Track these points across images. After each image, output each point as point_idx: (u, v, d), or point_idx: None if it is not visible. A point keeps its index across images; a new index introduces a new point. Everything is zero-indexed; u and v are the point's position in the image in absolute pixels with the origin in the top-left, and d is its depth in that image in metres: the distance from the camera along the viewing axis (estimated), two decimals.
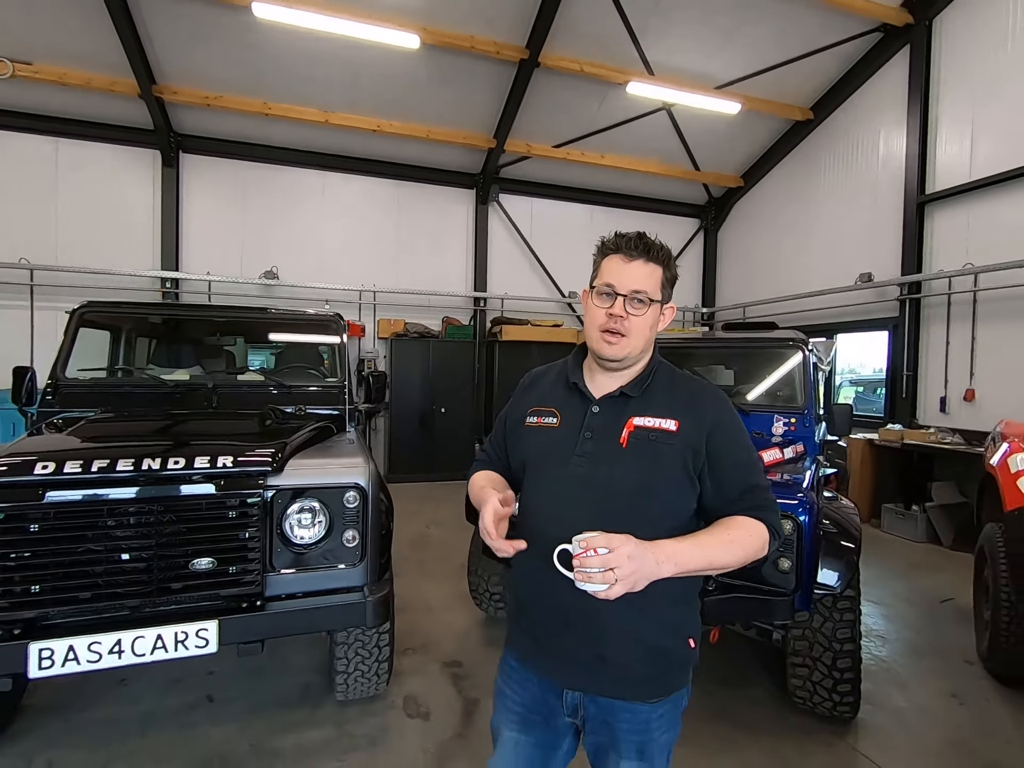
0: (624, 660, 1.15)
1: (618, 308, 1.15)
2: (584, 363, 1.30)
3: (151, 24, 5.88)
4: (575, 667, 1.18)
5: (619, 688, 1.17)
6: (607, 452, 1.17)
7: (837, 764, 2.31)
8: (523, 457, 1.28)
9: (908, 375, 6.38)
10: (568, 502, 1.17)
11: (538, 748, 1.25)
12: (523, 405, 1.32)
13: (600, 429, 1.20)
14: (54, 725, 2.43)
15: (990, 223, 5.71)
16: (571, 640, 1.17)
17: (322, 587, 2.18)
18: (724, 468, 1.17)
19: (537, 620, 1.23)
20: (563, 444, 1.21)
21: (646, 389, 1.21)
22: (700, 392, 1.23)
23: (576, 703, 1.20)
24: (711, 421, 1.17)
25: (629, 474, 1.15)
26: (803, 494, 2.45)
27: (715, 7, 6.14)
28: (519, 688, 1.27)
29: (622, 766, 1.19)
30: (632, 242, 1.17)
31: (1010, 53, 5.48)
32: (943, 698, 2.81)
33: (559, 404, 1.27)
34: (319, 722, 2.50)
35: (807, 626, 2.43)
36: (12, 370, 3.02)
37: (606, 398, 1.22)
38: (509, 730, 1.27)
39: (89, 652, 1.83)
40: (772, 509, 1.18)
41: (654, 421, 1.17)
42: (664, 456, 1.15)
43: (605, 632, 1.14)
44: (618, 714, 1.17)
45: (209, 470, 2.04)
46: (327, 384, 3.36)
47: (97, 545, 1.92)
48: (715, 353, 4.39)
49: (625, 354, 1.18)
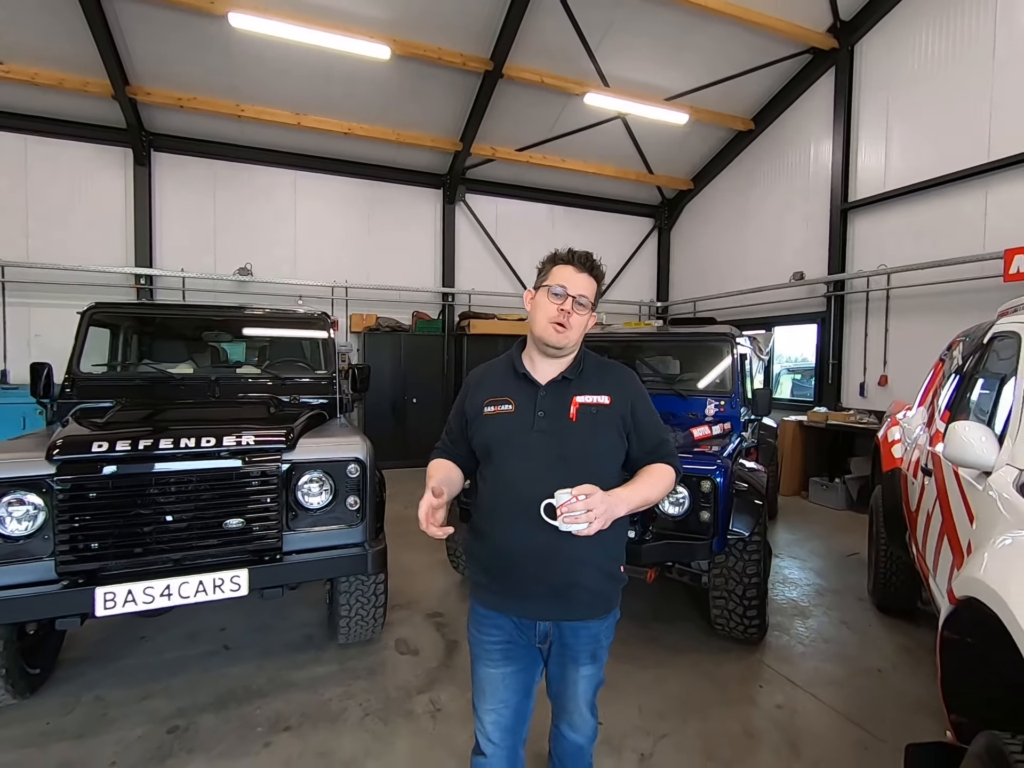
0: (589, 584, 1.46)
1: (568, 305, 1.45)
2: (524, 356, 1.57)
3: (126, 27, 6.05)
4: (549, 599, 1.45)
5: (582, 611, 1.48)
6: (560, 425, 1.47)
7: (744, 670, 2.92)
8: (488, 440, 1.51)
9: (833, 363, 7.17)
10: (536, 468, 1.43)
11: (521, 673, 1.53)
12: (478, 399, 1.55)
13: (550, 408, 1.48)
14: (92, 672, 2.82)
15: (901, 229, 6.49)
16: (548, 575, 1.43)
17: (329, 543, 2.65)
18: (643, 429, 1.54)
19: (515, 566, 1.45)
20: (522, 423, 1.48)
21: (580, 373, 1.53)
22: (620, 373, 1.60)
23: (546, 630, 1.50)
24: (631, 394, 1.54)
25: (580, 440, 1.46)
26: (720, 461, 3.04)
27: (664, 27, 6.70)
28: (496, 630, 1.51)
29: (580, 671, 1.53)
30: (583, 258, 1.49)
31: (919, 80, 6.22)
32: (835, 624, 3.48)
33: (511, 392, 1.52)
34: (324, 661, 2.96)
35: (724, 565, 3.02)
36: (30, 366, 3.31)
37: (551, 383, 1.51)
38: (493, 668, 1.52)
39: (144, 595, 2.26)
40: (675, 455, 1.58)
41: (592, 398, 1.50)
42: (603, 424, 1.49)
43: (576, 564, 1.44)
44: (578, 632, 1.50)
45: (236, 447, 2.47)
46: (317, 376, 3.78)
47: (145, 509, 2.33)
48: (663, 346, 4.97)
49: (566, 343, 1.47)
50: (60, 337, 7.01)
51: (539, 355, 1.53)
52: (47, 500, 2.23)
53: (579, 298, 1.46)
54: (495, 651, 1.52)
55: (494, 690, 1.52)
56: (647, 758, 2.27)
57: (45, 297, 7.11)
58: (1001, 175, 5.50)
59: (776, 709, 2.61)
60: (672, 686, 2.77)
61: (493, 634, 1.52)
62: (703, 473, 2.96)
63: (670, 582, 3.45)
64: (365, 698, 2.64)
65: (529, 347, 1.57)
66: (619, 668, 2.87)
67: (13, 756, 2.23)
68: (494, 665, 1.52)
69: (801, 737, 2.41)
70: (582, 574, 1.45)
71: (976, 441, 1.79)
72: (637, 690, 2.73)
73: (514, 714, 1.53)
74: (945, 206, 6.03)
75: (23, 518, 2.21)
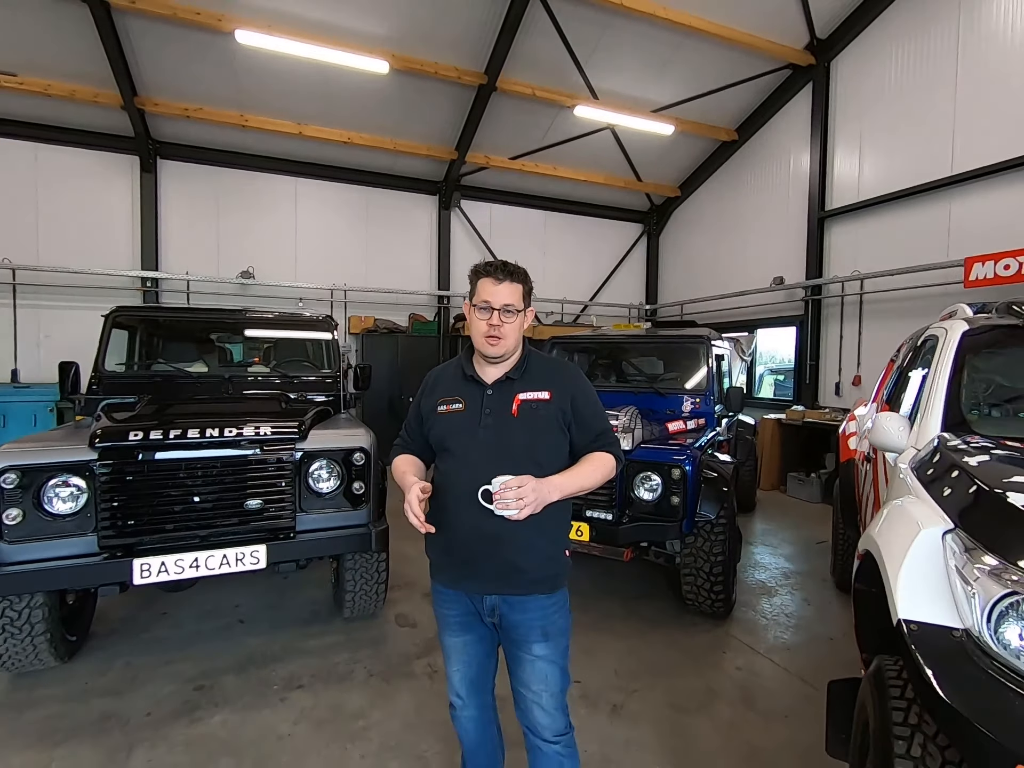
0: (529, 566, 1.57)
1: (495, 319, 1.53)
2: (473, 359, 1.67)
3: (136, 42, 6.34)
4: (494, 577, 1.57)
5: (526, 586, 1.58)
6: (503, 421, 1.57)
7: (712, 640, 3.25)
8: (441, 435, 1.63)
9: (811, 364, 7.52)
10: (481, 460, 1.54)
11: (480, 642, 1.69)
12: (432, 399, 1.67)
13: (496, 406, 1.59)
14: (120, 643, 3.11)
15: (873, 237, 6.86)
16: (494, 556, 1.55)
17: (337, 524, 2.95)
18: (582, 419, 1.62)
19: (465, 548, 1.57)
20: (470, 421, 1.59)
21: (524, 372, 1.63)
22: (561, 368, 1.70)
23: (493, 605, 1.60)
24: (571, 388, 1.63)
25: (521, 434, 1.56)
26: (690, 451, 3.36)
27: (649, 44, 7.04)
28: (453, 604, 1.66)
29: (533, 649, 1.59)
30: (498, 268, 1.55)
31: (890, 97, 6.59)
32: (797, 601, 3.81)
33: (461, 393, 1.63)
34: (331, 632, 3.26)
35: (693, 546, 3.34)
36: (59, 365, 3.56)
37: (496, 383, 1.61)
38: (455, 637, 1.68)
39: (175, 566, 2.56)
40: (616, 444, 1.66)
41: (533, 394, 1.59)
42: (543, 418, 1.58)
43: (517, 547, 1.55)
44: (526, 605, 1.58)
45: (255, 437, 2.77)
46: (323, 374, 4.08)
47: (176, 491, 2.63)
48: (644, 347, 5.29)
49: (503, 351, 1.57)
50: (69, 338, 7.34)
51: (484, 361, 1.64)
52: (89, 483, 2.53)
53: (505, 308, 1.54)
54: (455, 622, 1.68)
55: (457, 655, 1.70)
56: (619, 708, 2.58)
57: (54, 299, 7.37)
58: (963, 188, 5.87)
59: (736, 671, 2.93)
60: (645, 653, 3.09)
61: (452, 607, 1.67)
62: (674, 462, 3.28)
63: (647, 564, 3.76)
64: (369, 662, 2.94)
65: (476, 352, 1.67)
66: (598, 639, 3.19)
67: (60, 708, 2.52)
68: (455, 634, 1.69)
69: (755, 692, 2.73)
70: (525, 557, 1.56)
71: (893, 429, 2.12)
72: (614, 656, 3.04)
73: (477, 668, 1.71)
74: (913, 216, 6.39)
75: (68, 498, 2.50)
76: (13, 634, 2.54)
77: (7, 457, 2.43)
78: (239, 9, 6.04)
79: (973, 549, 1.23)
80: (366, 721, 2.48)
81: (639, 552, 3.61)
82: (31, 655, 2.63)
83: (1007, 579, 1.13)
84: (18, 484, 2.42)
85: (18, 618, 2.53)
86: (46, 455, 2.49)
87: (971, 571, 1.21)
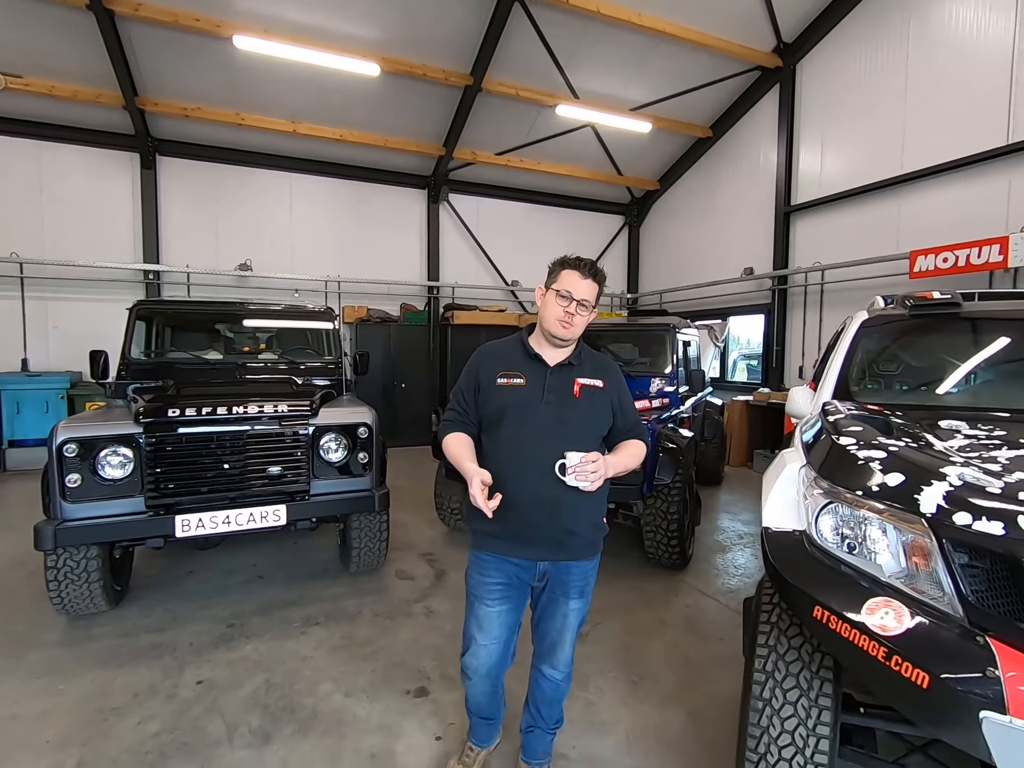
0: (582, 531, 1.75)
1: (573, 308, 1.69)
2: (532, 340, 1.81)
3: (137, 45, 6.64)
4: (549, 543, 1.73)
5: (576, 552, 1.78)
6: (566, 400, 1.74)
7: (668, 586, 3.78)
8: (502, 406, 1.73)
9: (777, 349, 8.07)
10: (545, 434, 1.69)
11: (513, 612, 1.82)
12: (491, 371, 1.77)
13: (557, 386, 1.75)
14: (157, 594, 3.58)
15: (833, 230, 7.37)
16: (551, 522, 1.69)
17: (345, 488, 3.43)
18: (624, 411, 1.84)
19: (523, 515, 1.69)
20: (532, 395, 1.73)
21: (581, 361, 1.81)
22: (609, 364, 1.91)
23: (544, 570, 1.78)
24: (618, 383, 1.86)
25: (582, 413, 1.75)
26: (649, 425, 3.87)
27: (626, 47, 7.45)
28: (497, 573, 1.78)
29: (571, 605, 1.81)
30: (588, 265, 1.71)
31: (849, 98, 7.06)
32: (746, 556, 4.36)
33: (522, 369, 1.76)
34: (340, 584, 3.76)
35: (653, 507, 3.86)
36: (89, 353, 3.97)
37: (557, 366, 1.77)
38: (492, 607, 1.79)
39: (210, 522, 3.03)
40: (645, 433, 1.91)
41: (591, 381, 1.78)
42: (599, 402, 1.79)
43: (574, 514, 1.72)
44: (571, 570, 1.79)
45: (274, 414, 3.24)
46: (325, 360, 4.53)
47: (208, 459, 3.10)
48: (625, 334, 5.80)
49: (571, 336, 1.74)
50: (75, 328, 7.69)
51: (546, 343, 1.79)
52: (136, 452, 2.98)
53: (583, 301, 1.71)
54: (495, 591, 1.79)
55: (489, 627, 1.80)
56: (585, 636, 3.10)
57: (61, 292, 7.72)
58: (911, 186, 6.39)
59: (685, 607, 3.47)
60: (609, 596, 3.61)
61: (494, 576, 1.79)
62: None
63: (617, 526, 4.28)
64: (374, 606, 3.45)
65: (537, 334, 1.82)
66: None
67: (115, 642, 3.00)
68: (492, 604, 1.80)
69: (698, 622, 3.27)
70: (577, 523, 1.73)
71: (800, 399, 2.64)
72: None
73: (502, 649, 1.85)
74: (868, 211, 6.91)
75: (119, 465, 2.96)
76: (73, 580, 3.00)
77: (67, 431, 2.88)
78: (237, 15, 6.36)
79: (815, 477, 1.74)
80: (374, 647, 2.98)
81: (609, 515, 4.12)
82: (87, 600, 3.09)
83: (830, 494, 1.64)
84: (77, 453, 2.87)
85: (77, 567, 2.99)
86: (99, 429, 2.95)
87: (810, 491, 1.71)
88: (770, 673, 1.64)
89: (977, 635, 1.24)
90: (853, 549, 1.54)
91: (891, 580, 1.43)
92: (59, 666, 2.77)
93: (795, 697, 1.59)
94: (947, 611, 1.31)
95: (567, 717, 2.15)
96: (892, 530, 1.45)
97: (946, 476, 1.43)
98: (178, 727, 2.34)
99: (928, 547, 1.36)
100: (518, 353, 1.81)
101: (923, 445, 1.69)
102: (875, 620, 1.34)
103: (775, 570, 1.62)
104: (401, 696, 2.57)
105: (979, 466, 1.49)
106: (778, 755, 1.58)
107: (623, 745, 2.28)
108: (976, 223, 5.75)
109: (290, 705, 2.49)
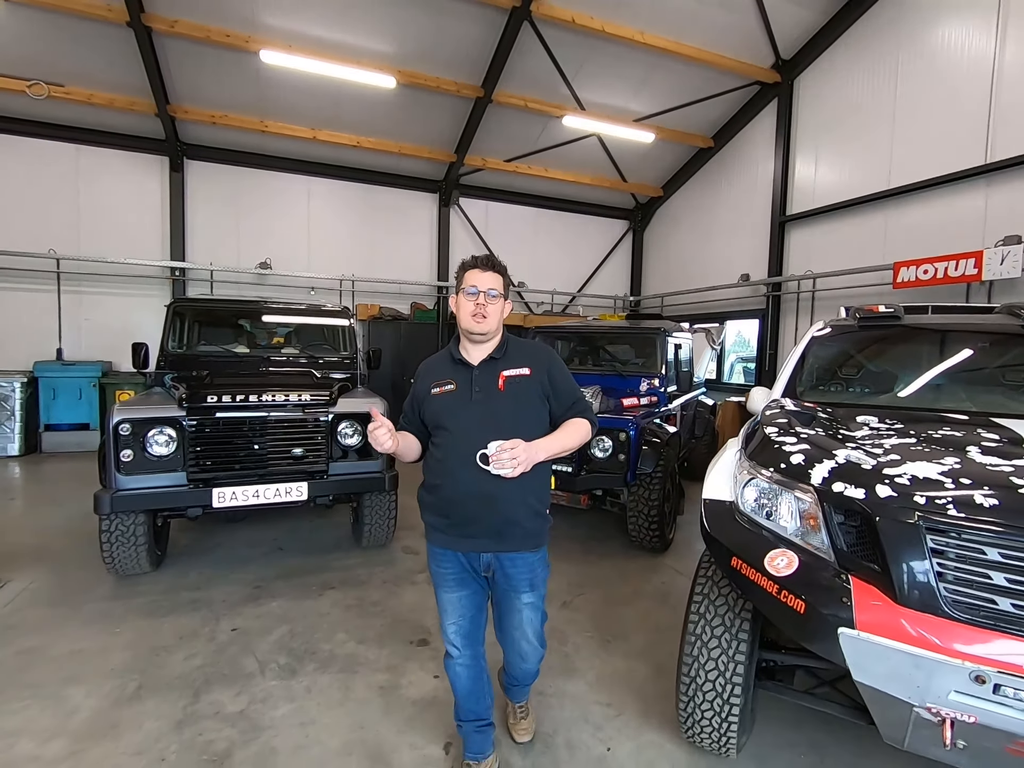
0: (521, 521, 1.81)
1: (482, 299, 1.77)
2: (459, 347, 1.90)
3: (171, 58, 7.11)
4: (490, 534, 1.80)
5: (518, 543, 1.83)
6: (492, 395, 1.80)
7: (647, 565, 4.18)
8: (437, 412, 1.83)
9: (771, 353, 8.42)
10: (474, 430, 1.76)
11: (473, 595, 1.91)
12: (426, 384, 1.88)
13: (483, 383, 1.82)
14: (190, 561, 4.04)
15: (825, 240, 7.71)
16: (490, 514, 1.77)
17: (359, 470, 3.86)
18: (559, 391, 1.88)
19: (463, 508, 1.78)
20: (462, 397, 1.81)
21: (505, 353, 1.86)
22: (537, 348, 1.94)
23: (488, 561, 1.84)
24: (547, 364, 1.88)
25: (508, 405, 1.80)
26: (634, 419, 4.27)
27: (630, 63, 7.82)
28: (449, 564, 1.87)
29: (522, 598, 1.88)
30: (484, 260, 1.82)
31: (842, 115, 7.39)
32: None
33: (451, 375, 1.85)
34: (352, 556, 4.19)
35: (636, 494, 4.26)
36: (132, 345, 4.42)
37: (482, 363, 1.84)
38: (450, 593, 1.89)
39: (242, 495, 3.47)
40: (589, 410, 1.92)
41: (516, 371, 1.83)
42: (525, 391, 1.83)
43: (510, 505, 1.78)
44: (515, 562, 1.85)
45: (298, 402, 3.67)
46: (342, 355, 4.96)
47: (241, 440, 3.53)
48: (615, 337, 6.18)
49: (487, 329, 1.79)
50: (106, 320, 8.20)
51: (469, 343, 1.87)
52: (179, 433, 3.43)
53: (489, 292, 1.79)
54: (451, 579, 1.89)
55: (453, 609, 1.91)
56: (568, 603, 3.52)
57: (93, 286, 8.23)
58: (896, 200, 6.72)
59: (660, 583, 3.87)
60: (592, 572, 4.02)
61: (447, 567, 1.88)
62: (621, 427, 4.19)
63: (604, 513, 4.68)
64: (383, 574, 3.88)
65: (462, 339, 1.90)
66: (558, 566, 4.09)
67: (158, 597, 3.45)
68: (450, 591, 1.90)
69: (671, 595, 3.67)
70: (515, 513, 1.79)
71: (758, 398, 3.02)
72: (569, 575, 3.97)
73: (471, 623, 1.93)
74: (858, 223, 7.25)
75: (164, 444, 3.40)
76: (123, 543, 3.45)
77: (121, 413, 3.33)
78: (264, 31, 6.81)
79: (743, 458, 2.13)
80: (382, 607, 3.41)
81: (596, 502, 4.53)
82: (134, 560, 3.55)
83: (752, 471, 2.03)
84: (130, 432, 3.32)
85: (127, 531, 3.44)
86: (149, 412, 3.39)
87: (739, 469, 2.11)
88: (702, 614, 2.05)
89: (842, 574, 1.64)
90: (770, 515, 1.94)
91: (790, 536, 1.82)
92: (112, 615, 3.22)
93: (720, 632, 1.99)
94: (825, 558, 1.70)
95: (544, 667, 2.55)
96: (793, 499, 1.85)
97: (835, 456, 1.83)
98: (218, 662, 2.78)
99: (816, 510, 1.76)
100: (447, 361, 1.91)
101: (832, 434, 2.08)
102: (772, 565, 1.74)
103: (707, 531, 2.02)
104: (405, 644, 2.99)
105: (866, 450, 1.87)
106: (704, 677, 1.98)
107: (593, 685, 2.70)
108: (956, 237, 6.08)
109: (311, 649, 2.92)
